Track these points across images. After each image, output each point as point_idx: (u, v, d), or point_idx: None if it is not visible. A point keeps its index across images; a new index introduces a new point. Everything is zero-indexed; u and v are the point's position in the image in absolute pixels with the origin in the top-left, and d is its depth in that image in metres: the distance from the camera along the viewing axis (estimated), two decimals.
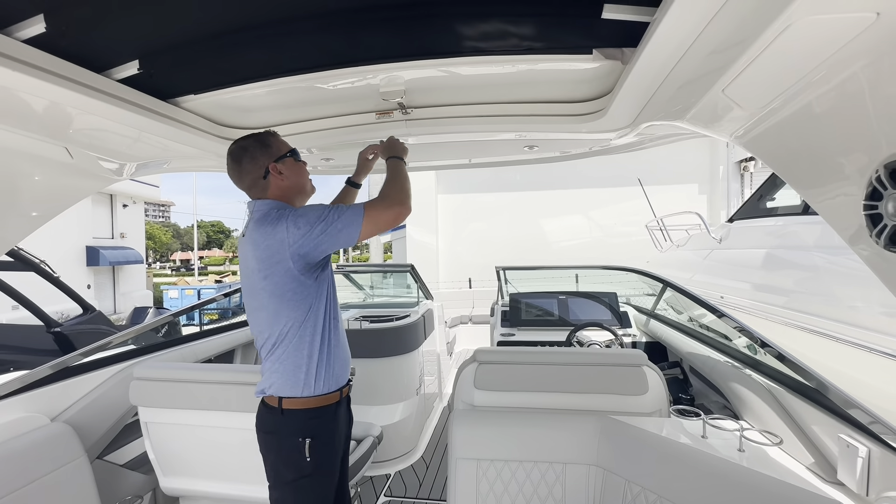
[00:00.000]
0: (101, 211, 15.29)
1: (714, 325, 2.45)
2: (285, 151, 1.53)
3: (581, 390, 1.66)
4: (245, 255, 1.44)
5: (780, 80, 0.98)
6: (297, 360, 1.41)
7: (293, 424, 1.41)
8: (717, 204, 9.71)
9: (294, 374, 1.41)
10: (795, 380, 1.58)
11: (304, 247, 1.33)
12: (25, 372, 1.83)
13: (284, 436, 1.42)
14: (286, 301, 1.38)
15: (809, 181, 1.17)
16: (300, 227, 1.33)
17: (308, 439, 1.40)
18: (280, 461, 1.44)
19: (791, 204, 3.00)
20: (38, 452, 1.60)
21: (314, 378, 1.42)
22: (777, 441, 1.34)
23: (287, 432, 1.42)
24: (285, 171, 1.50)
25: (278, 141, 1.55)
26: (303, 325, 1.40)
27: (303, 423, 1.42)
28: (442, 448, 3.24)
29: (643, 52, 1.14)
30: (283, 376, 1.41)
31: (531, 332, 3.34)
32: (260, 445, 1.48)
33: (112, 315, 14.40)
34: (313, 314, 1.42)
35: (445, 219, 11.19)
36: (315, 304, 1.42)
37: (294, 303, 1.38)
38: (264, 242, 1.36)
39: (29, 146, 1.48)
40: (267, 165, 1.48)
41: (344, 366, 1.54)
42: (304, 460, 1.40)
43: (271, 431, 1.44)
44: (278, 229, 1.34)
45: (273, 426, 1.44)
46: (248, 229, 1.45)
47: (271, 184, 1.49)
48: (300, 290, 1.38)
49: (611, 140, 2.07)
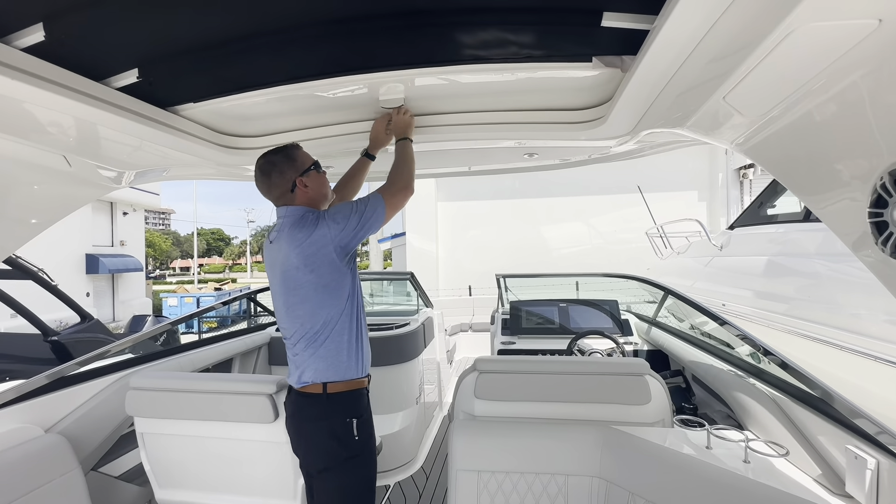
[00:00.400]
0: (101, 218, 15.31)
1: (716, 333, 2.43)
2: (309, 164, 1.65)
3: (583, 400, 1.63)
4: (281, 256, 1.55)
5: (781, 88, 0.97)
6: (339, 345, 1.54)
7: (340, 406, 1.53)
8: (716, 211, 9.73)
9: (337, 358, 1.54)
10: (800, 389, 1.56)
11: (345, 238, 1.51)
12: (21, 382, 1.81)
13: (333, 418, 1.52)
14: (330, 290, 1.53)
15: (811, 188, 1.16)
16: (338, 223, 1.51)
17: (355, 419, 1.53)
18: (330, 444, 1.52)
19: (792, 211, 2.99)
20: (31, 464, 1.57)
21: (354, 361, 1.57)
22: (783, 452, 1.32)
23: (335, 414, 1.52)
24: (310, 183, 1.63)
25: (303, 154, 1.67)
26: (343, 311, 1.56)
27: (349, 404, 1.54)
28: (442, 458, 3.20)
29: (643, 60, 1.14)
30: (326, 362, 1.53)
31: (532, 340, 3.32)
32: (300, 437, 1.56)
33: (110, 323, 14.35)
34: (350, 301, 1.58)
35: (445, 226, 11.20)
36: (350, 293, 1.58)
37: (337, 291, 1.55)
38: (308, 240, 1.51)
39: (27, 154, 1.47)
40: (294, 179, 1.61)
41: (369, 351, 1.67)
42: (353, 439, 1.52)
43: (318, 418, 1.53)
44: (320, 228, 1.51)
45: (320, 412, 1.53)
46: (280, 233, 1.58)
47: (298, 195, 1.62)
48: (342, 280, 1.55)
49: (611, 147, 2.07)
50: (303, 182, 1.61)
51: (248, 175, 2.31)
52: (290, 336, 1.59)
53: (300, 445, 1.58)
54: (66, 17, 1.04)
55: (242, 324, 3.80)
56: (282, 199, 1.63)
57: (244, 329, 3.41)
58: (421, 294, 4.17)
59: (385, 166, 2.74)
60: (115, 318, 15.40)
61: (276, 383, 1.70)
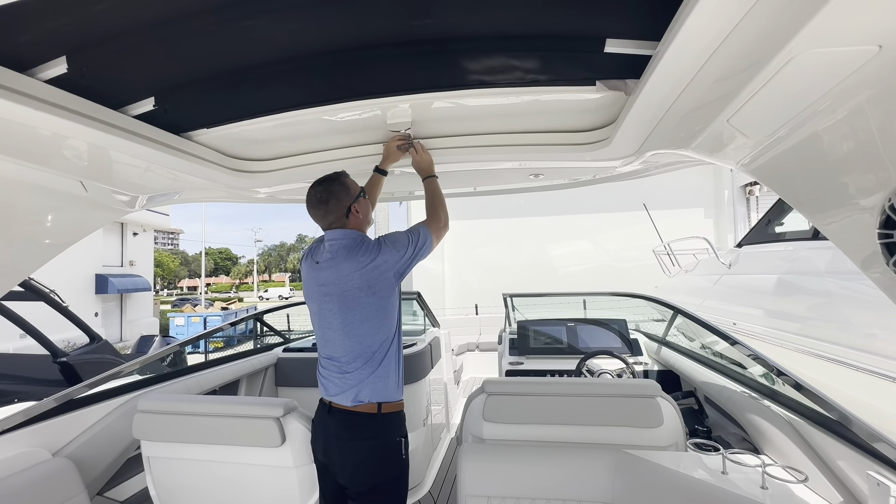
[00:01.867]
0: (111, 239, 15.53)
1: (728, 353, 2.39)
2: (359, 191, 1.75)
3: (593, 423, 1.61)
4: (338, 277, 1.61)
5: (785, 110, 0.99)
6: (391, 366, 1.62)
7: (393, 426, 1.60)
8: (723, 228, 9.68)
9: (391, 378, 1.62)
10: (816, 411, 1.52)
11: (403, 265, 1.63)
12: (30, 404, 1.82)
13: (387, 437, 1.58)
14: (388, 312, 1.63)
15: (817, 207, 1.16)
16: (399, 250, 1.62)
17: (403, 438, 1.61)
18: (380, 463, 1.57)
19: (801, 229, 2.98)
20: (37, 489, 1.56)
21: (398, 382, 1.65)
22: (802, 478, 1.28)
23: (389, 433, 1.59)
24: (360, 209, 1.72)
25: (353, 182, 1.75)
26: (395, 332, 1.66)
27: (399, 424, 1.63)
28: (450, 482, 3.13)
29: (646, 84, 1.16)
30: (384, 382, 1.60)
31: (540, 360, 3.28)
32: (345, 456, 1.58)
33: (118, 343, 14.38)
34: (398, 323, 1.68)
35: (451, 245, 11.21)
36: (398, 315, 1.69)
37: (392, 313, 1.65)
38: (372, 264, 1.59)
39: (45, 180, 1.51)
40: (349, 205, 1.69)
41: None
42: (400, 458, 1.59)
43: (373, 436, 1.57)
44: (384, 253, 1.61)
45: (374, 431, 1.58)
46: (335, 256, 1.65)
47: (351, 220, 1.70)
48: (395, 301, 1.66)
49: (616, 168, 2.08)
50: (355, 208, 1.70)
51: (259, 197, 2.34)
52: (345, 355, 1.62)
53: (345, 465, 1.58)
54: (88, 50, 1.08)
55: (249, 344, 3.80)
56: (336, 223, 1.70)
57: (251, 350, 3.40)
58: (428, 314, 4.16)
59: (393, 188, 2.75)
60: (123, 337, 15.45)
61: (284, 406, 1.69)
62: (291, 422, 1.67)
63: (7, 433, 1.68)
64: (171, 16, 1.03)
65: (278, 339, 3.76)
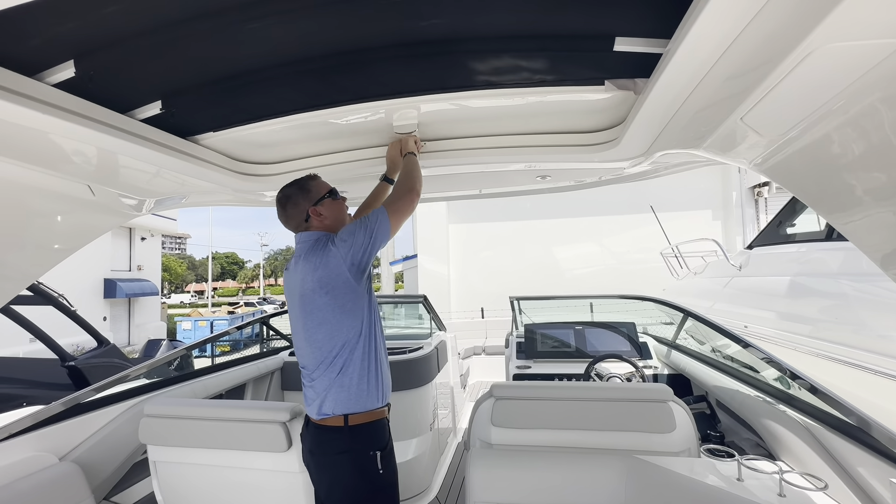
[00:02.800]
0: (120, 243, 15.67)
1: (740, 357, 2.35)
2: (324, 193, 1.66)
3: (604, 428, 1.58)
4: (299, 280, 1.54)
5: (801, 107, 0.96)
6: (360, 372, 1.50)
7: (364, 439, 1.47)
8: (732, 230, 9.59)
9: (358, 386, 1.49)
10: (834, 416, 1.48)
11: (356, 255, 1.49)
12: (38, 408, 1.82)
13: (358, 452, 1.46)
14: (347, 312, 1.51)
15: (835, 206, 1.14)
16: (345, 241, 1.50)
17: (379, 451, 1.47)
18: (355, 480, 1.46)
19: (813, 230, 2.93)
20: (44, 494, 1.56)
21: (375, 389, 1.52)
22: (821, 485, 1.24)
23: (360, 448, 1.46)
24: (325, 211, 1.65)
25: (318, 184, 1.68)
26: (362, 334, 1.52)
27: (372, 437, 1.49)
28: (457, 487, 3.10)
29: (656, 83, 1.14)
30: (347, 391, 1.48)
31: (548, 364, 3.25)
32: (321, 473, 1.50)
33: (126, 347, 14.48)
34: (367, 324, 1.54)
35: (457, 248, 11.20)
36: (367, 314, 1.55)
37: (354, 312, 1.52)
38: (321, 262, 1.50)
39: (53, 184, 1.52)
40: (307, 209, 1.63)
41: (389, 378, 1.63)
42: (377, 473, 1.46)
43: (342, 451, 1.47)
44: (330, 249, 1.51)
45: (343, 445, 1.47)
46: (298, 260, 1.59)
47: (313, 223, 1.64)
48: (358, 300, 1.53)
49: (624, 169, 2.06)
50: (317, 211, 1.64)
51: (265, 201, 2.34)
52: (308, 364, 1.56)
53: (322, 482, 1.52)
54: (95, 54, 1.08)
55: (255, 348, 3.80)
56: (299, 228, 1.66)
57: (257, 354, 3.40)
58: (434, 317, 4.14)
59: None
60: (131, 341, 15.56)
61: (290, 411, 1.68)
62: (298, 426, 1.66)
63: (14, 437, 1.68)
64: (178, 19, 1.03)
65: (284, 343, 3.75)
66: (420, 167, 1.75)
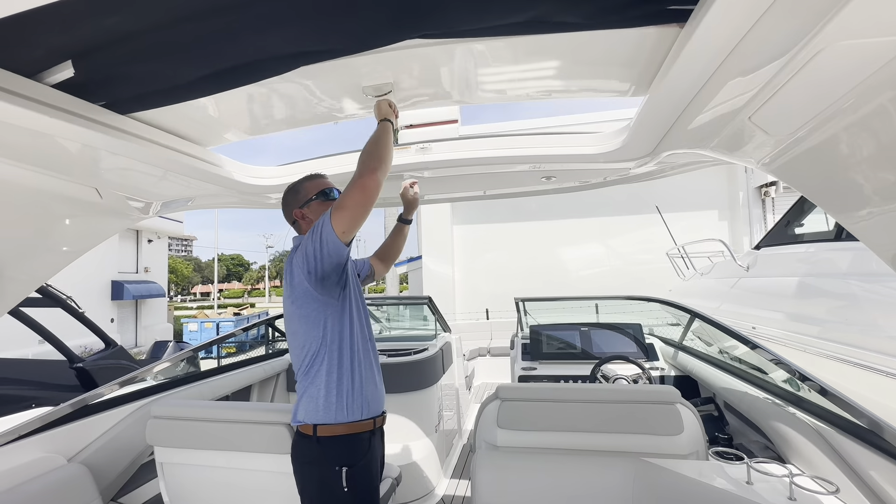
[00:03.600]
0: (127, 245, 15.80)
1: (748, 358, 2.32)
2: (312, 195, 1.59)
3: (611, 430, 1.57)
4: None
5: (811, 106, 0.95)
6: (328, 383, 1.43)
7: (330, 452, 1.41)
8: (738, 230, 9.51)
9: (326, 397, 1.42)
10: (845, 419, 1.46)
11: (308, 262, 1.38)
12: (46, 410, 1.83)
13: (322, 465, 1.41)
14: (309, 321, 1.44)
15: (845, 206, 1.12)
16: (298, 249, 1.45)
17: (345, 468, 1.39)
18: (320, 493, 1.43)
19: (822, 230, 2.90)
20: (52, 495, 1.57)
21: (346, 403, 1.43)
22: (833, 489, 1.22)
23: (324, 461, 1.41)
24: (309, 213, 1.58)
25: (310, 185, 1.61)
26: (323, 345, 1.44)
27: (339, 451, 1.41)
28: (463, 489, 3.09)
29: (663, 81, 1.14)
30: (315, 402, 1.43)
31: (553, 365, 3.24)
32: (296, 478, 1.47)
33: (133, 349, 14.59)
34: (336, 334, 1.45)
35: (461, 249, 11.19)
36: (333, 324, 1.45)
37: (315, 321, 1.44)
38: (289, 270, 1.47)
39: (61, 187, 1.53)
40: (292, 211, 1.59)
41: (377, 395, 1.54)
42: (342, 491, 1.39)
43: (309, 462, 1.44)
44: (294, 257, 1.46)
45: (310, 456, 1.43)
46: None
47: (302, 227, 1.60)
48: (319, 308, 1.44)
49: (630, 169, 2.05)
50: (301, 214, 1.58)
51: (271, 203, 2.35)
52: (294, 368, 1.55)
53: (297, 487, 1.49)
54: (96, 53, 1.08)
55: (261, 350, 3.81)
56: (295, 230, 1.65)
57: (262, 355, 3.41)
58: (439, 318, 4.13)
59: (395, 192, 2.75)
60: (138, 343, 15.66)
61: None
62: None
63: (24, 438, 1.69)
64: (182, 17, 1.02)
65: None
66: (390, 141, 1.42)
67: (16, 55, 1.01)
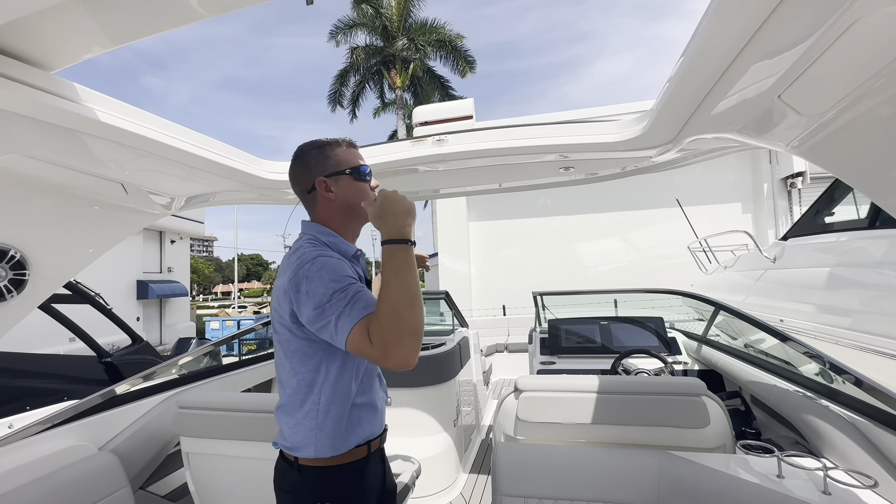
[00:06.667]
0: (150, 246, 16.22)
1: (777, 350, 2.25)
2: (345, 168, 1.21)
3: (634, 422, 1.53)
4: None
5: (845, 81, 0.90)
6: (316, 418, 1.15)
7: (312, 485, 1.18)
8: (763, 223, 9.23)
9: (310, 432, 1.16)
10: (883, 410, 1.40)
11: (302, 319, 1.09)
12: (77, 401, 1.89)
13: (304, 497, 1.18)
14: (293, 355, 1.15)
15: (884, 189, 1.07)
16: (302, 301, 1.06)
17: (327, 503, 1.16)
18: None
19: (853, 218, 2.79)
20: (85, 482, 1.62)
21: (334, 436, 1.16)
22: (870, 483, 1.17)
23: (306, 493, 1.18)
24: (335, 188, 1.21)
25: (343, 153, 1.24)
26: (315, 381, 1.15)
27: (322, 484, 1.17)
28: (482, 484, 3.08)
29: (687, 61, 1.10)
30: (296, 432, 1.18)
31: (572, 360, 3.19)
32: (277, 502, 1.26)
33: (158, 346, 14.98)
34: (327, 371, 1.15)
35: (477, 246, 11.15)
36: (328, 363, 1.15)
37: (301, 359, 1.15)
38: (278, 283, 1.16)
39: (88, 183, 1.57)
40: (315, 178, 1.21)
41: (373, 417, 1.25)
42: None
43: (290, 491, 1.21)
44: (292, 278, 1.09)
45: (292, 485, 1.20)
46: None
47: (317, 199, 1.23)
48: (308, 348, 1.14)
49: (651, 157, 2.00)
50: (326, 185, 1.20)
51: (289, 199, 2.38)
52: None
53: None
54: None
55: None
56: (305, 204, 1.28)
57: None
58: (456, 314, 4.12)
59: (417, 186, 2.73)
60: (163, 341, 16.09)
61: None
62: None
63: (56, 427, 1.75)
64: None
65: None
66: (416, 282, 1.05)
67: (31, 47, 1.03)
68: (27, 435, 1.67)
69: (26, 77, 1.09)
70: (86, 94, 1.22)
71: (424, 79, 19.87)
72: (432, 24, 18.89)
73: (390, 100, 20.55)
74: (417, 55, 19.06)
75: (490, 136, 1.93)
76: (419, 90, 20.08)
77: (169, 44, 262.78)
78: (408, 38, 18.75)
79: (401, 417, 2.94)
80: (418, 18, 19.05)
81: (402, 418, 2.94)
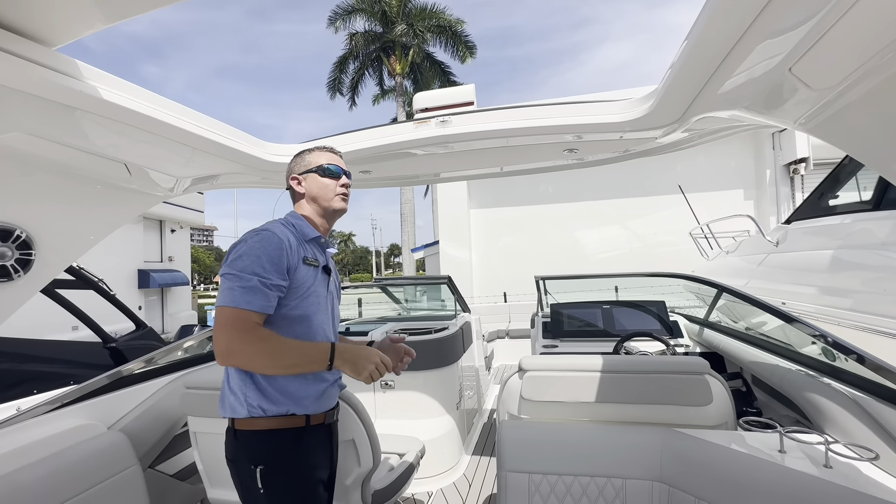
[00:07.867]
0: (151, 236, 16.22)
1: (778, 331, 2.26)
2: (312, 166, 1.49)
3: (637, 401, 1.55)
4: None
5: (856, 54, 0.89)
6: (242, 376, 1.29)
7: (245, 448, 1.29)
8: (765, 210, 9.20)
9: (241, 390, 1.29)
10: (885, 386, 1.41)
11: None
12: (86, 382, 1.91)
13: (239, 461, 1.30)
14: None
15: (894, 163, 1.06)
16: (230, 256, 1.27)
17: (259, 466, 1.26)
18: (240, 488, 1.32)
19: (858, 200, 2.77)
20: (95, 460, 1.64)
21: (263, 397, 1.28)
22: (871, 456, 1.19)
23: (241, 457, 1.29)
24: (304, 183, 1.49)
25: (313, 155, 1.51)
26: None
27: (253, 448, 1.28)
28: (484, 465, 3.12)
29: (695, 34, 1.09)
30: (232, 394, 1.30)
31: (575, 343, 3.21)
32: None
33: (161, 334, 15.06)
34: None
35: (478, 233, 11.15)
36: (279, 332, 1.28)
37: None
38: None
39: (92, 163, 1.56)
40: (289, 177, 1.52)
41: (311, 388, 1.34)
42: (257, 490, 1.27)
43: (230, 458, 1.33)
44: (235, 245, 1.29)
45: (231, 451, 1.33)
46: None
47: (295, 195, 1.52)
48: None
49: (656, 138, 1.98)
50: (297, 181, 1.49)
51: None
52: None
53: None
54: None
55: None
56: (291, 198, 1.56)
57: None
58: (458, 299, 4.14)
59: (417, 170, 2.71)
60: (165, 329, 16.18)
61: None
62: None
63: (66, 406, 1.77)
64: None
65: None
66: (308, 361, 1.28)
67: (34, 23, 1.01)
68: (37, 414, 1.69)
69: (28, 53, 1.08)
70: (88, 72, 1.21)
71: (424, 65, 19.65)
72: (432, 9, 18.61)
73: (390, 87, 20.34)
74: (416, 40, 18.82)
75: (494, 116, 1.92)
76: (419, 77, 19.86)
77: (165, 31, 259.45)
78: (407, 24, 18.49)
79: (404, 400, 2.97)
80: (418, 3, 18.77)
81: (405, 401, 2.97)
